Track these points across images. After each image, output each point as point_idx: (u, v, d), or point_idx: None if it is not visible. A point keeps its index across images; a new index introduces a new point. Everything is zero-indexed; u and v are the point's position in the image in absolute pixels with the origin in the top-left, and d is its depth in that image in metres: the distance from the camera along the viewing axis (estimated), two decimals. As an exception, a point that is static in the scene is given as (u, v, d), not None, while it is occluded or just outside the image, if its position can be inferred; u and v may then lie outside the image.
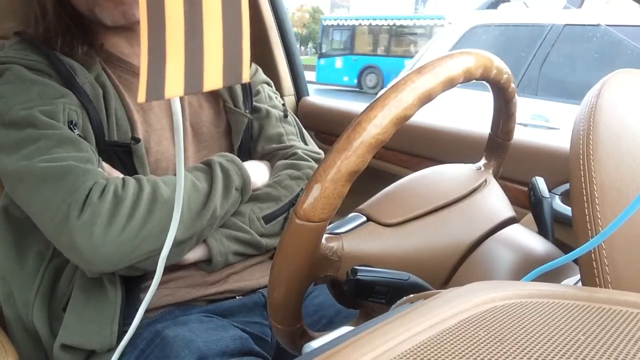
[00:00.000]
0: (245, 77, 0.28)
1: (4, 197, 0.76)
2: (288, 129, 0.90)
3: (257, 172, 0.82)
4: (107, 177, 0.67)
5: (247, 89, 0.89)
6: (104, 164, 0.70)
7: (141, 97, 0.27)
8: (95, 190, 0.63)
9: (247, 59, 0.28)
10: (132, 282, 0.72)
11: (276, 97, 0.95)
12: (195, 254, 0.74)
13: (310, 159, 0.86)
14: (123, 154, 0.73)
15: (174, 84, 0.27)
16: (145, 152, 0.74)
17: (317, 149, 0.91)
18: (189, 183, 0.70)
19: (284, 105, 0.94)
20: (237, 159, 0.78)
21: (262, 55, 1.36)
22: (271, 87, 0.97)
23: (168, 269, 0.75)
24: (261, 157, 0.88)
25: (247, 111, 0.87)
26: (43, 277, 0.73)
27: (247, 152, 0.88)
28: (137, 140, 0.73)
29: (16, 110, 0.66)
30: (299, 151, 0.86)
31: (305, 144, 0.91)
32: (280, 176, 0.82)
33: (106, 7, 0.72)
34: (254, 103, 0.89)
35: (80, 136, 0.68)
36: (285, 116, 0.92)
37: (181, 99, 0.82)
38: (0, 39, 0.84)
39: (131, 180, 0.67)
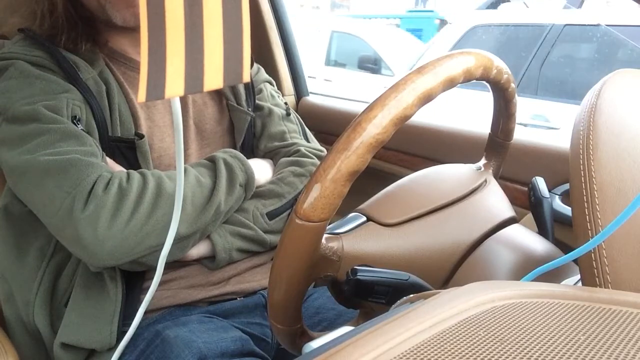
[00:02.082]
0: (246, 77, 0.28)
1: (4, 196, 0.76)
2: (290, 127, 0.90)
3: (260, 170, 0.82)
4: (112, 170, 0.67)
5: (250, 88, 0.89)
6: (108, 159, 0.71)
7: (141, 96, 0.27)
8: (99, 183, 0.63)
9: (247, 59, 0.28)
10: (133, 281, 0.72)
11: (278, 96, 0.95)
12: (199, 250, 0.74)
13: (313, 156, 0.86)
14: (126, 150, 0.73)
15: (175, 84, 0.27)
16: (148, 149, 0.74)
17: (319, 147, 0.91)
18: (192, 178, 0.70)
19: (286, 104, 0.94)
20: (241, 155, 0.78)
21: (262, 55, 1.36)
22: (273, 86, 0.98)
23: (170, 267, 0.75)
24: (264, 155, 0.89)
25: (249, 109, 0.87)
26: (44, 275, 0.73)
27: (250, 150, 0.88)
28: (141, 136, 0.73)
29: (20, 105, 0.66)
30: (302, 148, 0.86)
31: (308, 141, 0.91)
32: (283, 173, 0.82)
33: (117, 6, 0.71)
34: (257, 101, 0.89)
35: (83, 131, 0.68)
36: (288, 114, 0.92)
37: (185, 96, 0.82)
38: (2, 37, 0.84)
39: (135, 174, 0.67)
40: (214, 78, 0.28)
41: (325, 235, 0.52)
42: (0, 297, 0.78)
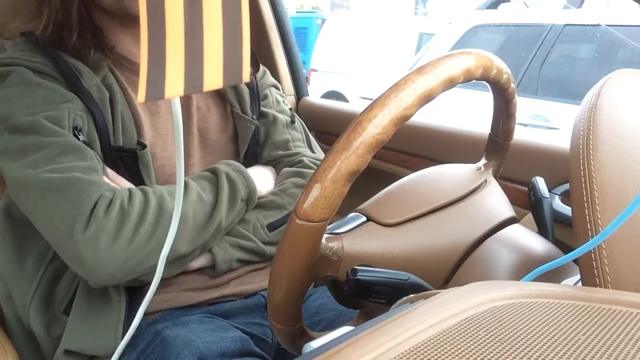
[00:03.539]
0: (245, 77, 0.28)
1: (5, 196, 0.76)
2: (295, 135, 0.89)
3: (262, 179, 0.82)
4: (113, 188, 0.66)
5: (255, 94, 0.87)
6: (108, 170, 0.70)
7: (141, 96, 0.27)
8: (100, 204, 0.63)
9: (247, 59, 0.28)
10: (136, 288, 0.72)
11: (283, 102, 0.94)
12: (198, 261, 0.74)
13: (316, 167, 0.85)
14: (128, 159, 0.72)
15: (174, 84, 0.27)
16: (150, 159, 0.74)
17: (323, 157, 0.90)
18: (194, 194, 0.69)
19: (291, 109, 0.93)
20: (244, 169, 0.77)
21: (262, 55, 1.36)
22: (279, 90, 0.96)
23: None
24: (266, 163, 0.88)
25: (254, 117, 0.85)
26: (41, 280, 0.72)
27: (253, 159, 0.87)
28: (143, 146, 0.72)
29: (20, 115, 0.66)
30: (305, 159, 0.85)
31: (312, 150, 0.90)
32: (285, 184, 0.81)
33: None
34: (261, 108, 0.88)
35: (85, 142, 0.67)
36: (292, 122, 0.91)
37: (189, 103, 0.81)
38: (5, 38, 0.83)
39: (137, 193, 0.66)
40: (213, 78, 0.28)
41: (325, 235, 0.52)
42: (0, 298, 0.78)
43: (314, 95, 1.46)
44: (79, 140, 0.67)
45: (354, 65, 5.55)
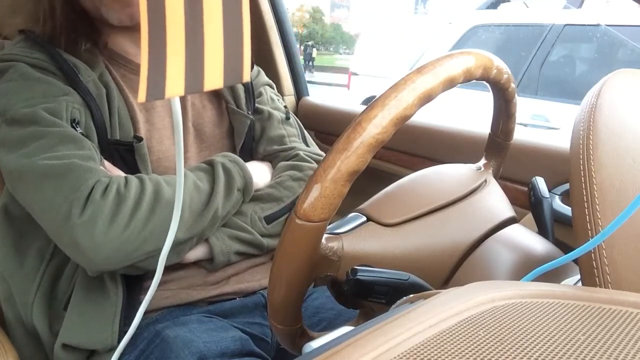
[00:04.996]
0: (246, 77, 0.28)
1: (4, 195, 0.76)
2: (290, 130, 0.90)
3: (259, 173, 0.82)
4: (110, 175, 0.67)
5: (250, 91, 0.89)
6: (106, 163, 0.70)
7: (141, 96, 0.27)
8: (97, 188, 0.63)
9: (247, 59, 0.28)
10: (133, 282, 0.72)
11: (278, 100, 0.95)
12: (196, 253, 0.74)
13: (312, 161, 0.86)
14: (125, 153, 0.73)
15: (175, 84, 0.27)
16: (147, 151, 0.74)
17: (318, 151, 0.91)
18: (190, 183, 0.70)
19: (285, 107, 0.94)
20: (239, 159, 0.78)
21: (262, 55, 1.36)
22: (273, 89, 0.98)
23: (169, 269, 0.75)
24: (262, 158, 0.89)
25: (249, 112, 0.87)
26: (43, 277, 0.73)
27: (249, 153, 0.88)
28: (140, 139, 0.73)
29: (19, 108, 0.66)
30: (301, 152, 0.86)
31: (307, 145, 0.91)
32: (282, 177, 0.82)
33: (113, 8, 0.72)
34: (256, 105, 0.89)
35: (82, 134, 0.68)
36: (287, 118, 0.92)
37: (184, 99, 0.82)
38: (4, 38, 0.84)
39: (134, 179, 0.67)
40: (214, 78, 0.28)
41: (325, 235, 0.52)
42: (0, 297, 0.78)
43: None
44: (77, 132, 0.67)
45: (393, 68, 5.52)
